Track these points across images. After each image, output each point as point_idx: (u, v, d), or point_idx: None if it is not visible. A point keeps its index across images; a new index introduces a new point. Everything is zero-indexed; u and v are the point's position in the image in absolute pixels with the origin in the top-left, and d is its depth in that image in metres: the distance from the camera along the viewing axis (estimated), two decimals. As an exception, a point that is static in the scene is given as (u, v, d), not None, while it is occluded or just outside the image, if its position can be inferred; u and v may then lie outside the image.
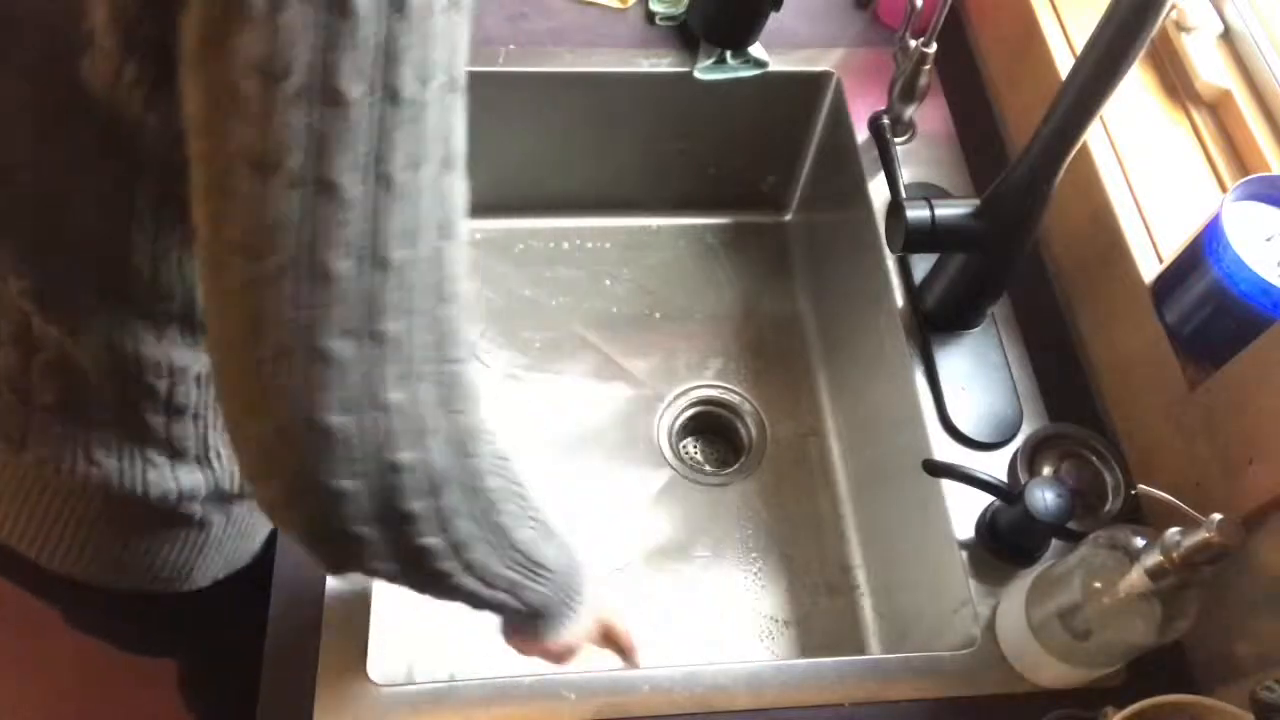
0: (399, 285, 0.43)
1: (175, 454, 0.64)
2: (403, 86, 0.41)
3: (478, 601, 0.58)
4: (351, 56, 0.39)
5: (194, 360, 0.61)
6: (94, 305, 0.56)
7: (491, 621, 0.66)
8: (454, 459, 0.48)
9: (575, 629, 0.68)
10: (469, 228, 0.47)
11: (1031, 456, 0.83)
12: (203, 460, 0.66)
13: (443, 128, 0.43)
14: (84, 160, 0.51)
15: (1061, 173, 0.76)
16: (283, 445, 0.44)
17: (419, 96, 0.41)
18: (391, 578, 0.52)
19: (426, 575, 0.53)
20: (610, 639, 0.74)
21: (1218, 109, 0.89)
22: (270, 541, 0.78)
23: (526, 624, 0.65)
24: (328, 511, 0.46)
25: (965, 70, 1.08)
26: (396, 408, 0.44)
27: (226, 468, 0.67)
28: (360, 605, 0.75)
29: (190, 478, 0.66)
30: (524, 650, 0.70)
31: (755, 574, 1.01)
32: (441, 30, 0.41)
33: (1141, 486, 0.70)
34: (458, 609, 0.58)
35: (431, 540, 0.50)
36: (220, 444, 0.66)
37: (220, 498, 0.68)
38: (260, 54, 0.39)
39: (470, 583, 0.55)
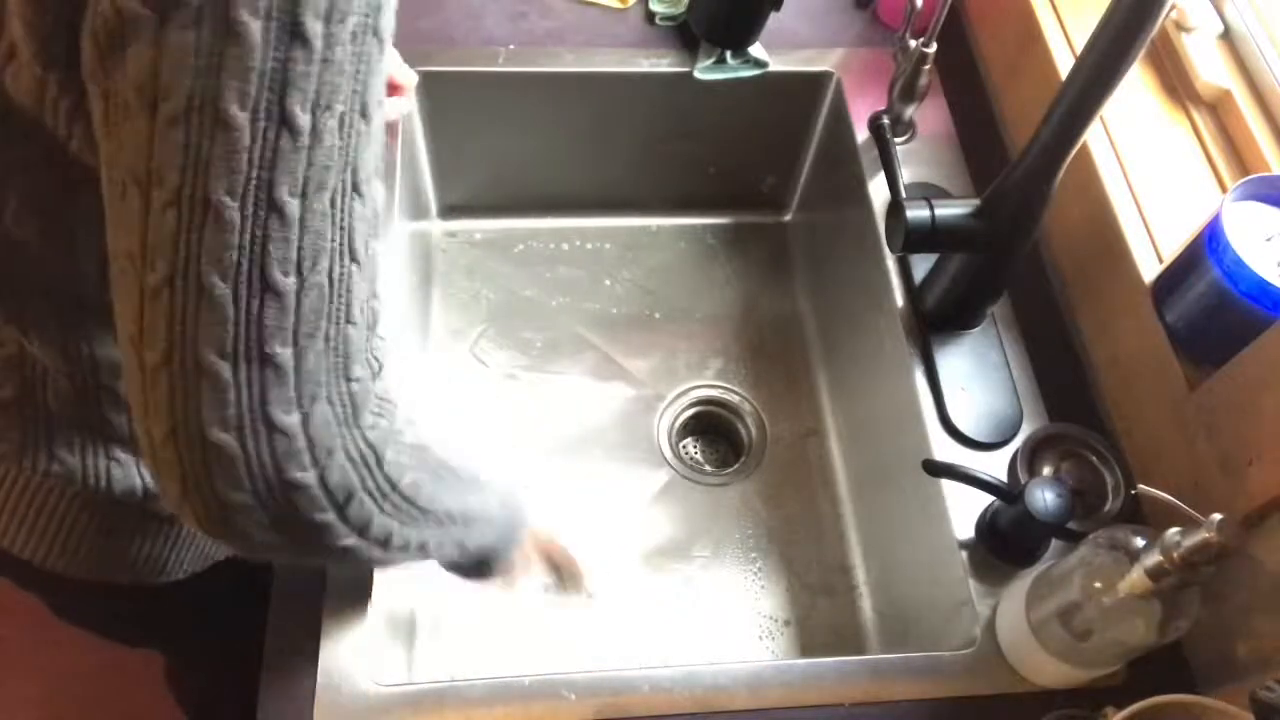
0: (285, 311, 0.43)
1: (139, 450, 0.64)
2: (295, 114, 0.40)
3: (416, 562, 0.59)
4: (238, 82, 0.39)
5: None
6: (45, 307, 0.57)
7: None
8: (357, 473, 0.48)
9: (521, 561, 0.71)
10: (387, 244, 0.47)
11: (1031, 456, 0.83)
12: None
13: (344, 155, 0.43)
14: (18, 170, 0.51)
15: (1061, 173, 0.76)
16: (170, 450, 0.44)
17: (314, 125, 0.41)
18: (314, 566, 0.53)
19: (351, 564, 0.53)
20: (555, 562, 0.77)
21: (1218, 109, 0.89)
22: None
23: (473, 568, 0.68)
24: (224, 515, 0.46)
25: (965, 70, 1.08)
26: (284, 429, 0.44)
27: None
28: (360, 605, 0.75)
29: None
30: (479, 583, 0.72)
31: (755, 574, 1.01)
32: (347, 59, 0.41)
33: (1141, 486, 0.70)
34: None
35: (347, 541, 0.50)
36: None
37: None
38: (145, 74, 0.39)
39: (401, 557, 0.55)
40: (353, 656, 0.72)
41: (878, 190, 0.99)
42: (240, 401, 0.43)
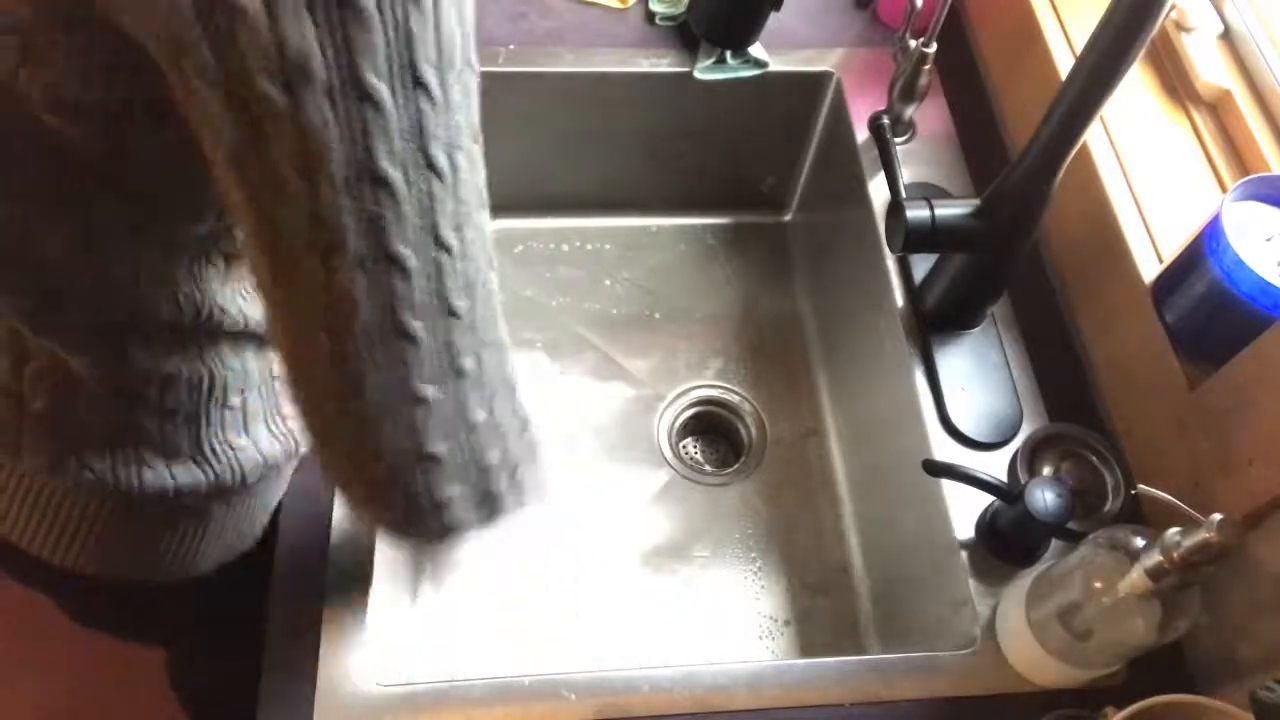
0: (468, 328, 0.48)
1: (170, 455, 0.65)
2: (438, 159, 0.43)
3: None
4: (385, 142, 0.42)
5: (184, 367, 0.61)
6: (80, 321, 0.57)
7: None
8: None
9: None
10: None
11: (1031, 456, 0.83)
12: (198, 459, 0.66)
13: (474, 183, 0.46)
14: (27, 182, 0.51)
15: (1061, 173, 0.76)
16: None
17: (452, 164, 0.44)
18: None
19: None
20: None
21: (1218, 109, 0.89)
22: (267, 526, 0.78)
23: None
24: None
25: (965, 70, 1.08)
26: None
27: (225, 462, 0.67)
28: (360, 605, 0.75)
29: (188, 475, 0.66)
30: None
31: (755, 574, 1.01)
32: (457, 97, 0.44)
33: (1141, 486, 0.70)
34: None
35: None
36: (215, 442, 0.66)
37: (221, 492, 0.69)
38: (298, 154, 0.41)
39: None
40: (353, 656, 0.72)
41: (878, 190, 0.99)
42: (423, 287, 0.46)
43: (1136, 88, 0.91)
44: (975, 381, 0.88)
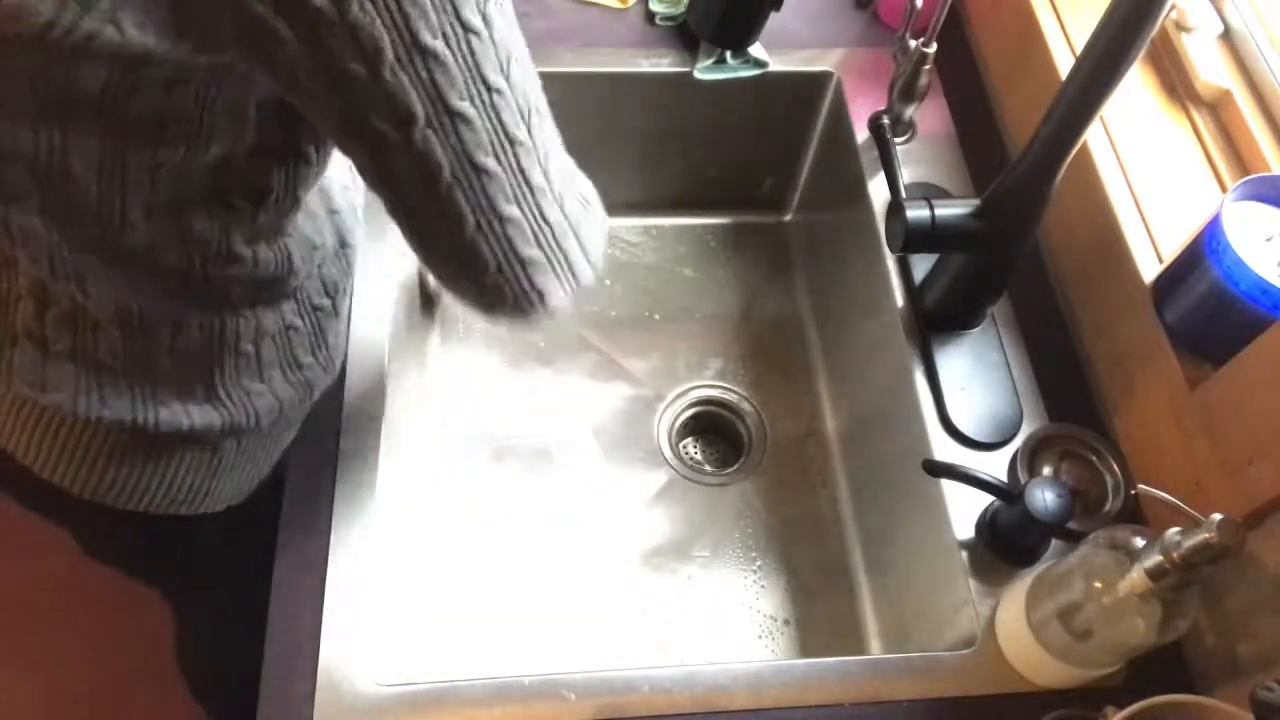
0: (509, 101, 0.54)
1: (185, 395, 0.68)
2: (471, 21, 0.50)
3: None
4: (422, 18, 0.49)
5: (197, 312, 0.65)
6: (97, 265, 0.60)
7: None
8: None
9: None
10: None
11: (1031, 456, 0.83)
12: (214, 400, 0.70)
13: (508, 29, 0.53)
14: (71, 122, 0.51)
15: (1061, 173, 0.76)
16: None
17: (486, 17, 0.51)
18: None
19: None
20: None
21: (1218, 109, 0.89)
22: (274, 485, 0.80)
23: None
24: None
25: (965, 70, 1.08)
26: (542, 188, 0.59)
27: (240, 405, 0.71)
28: (360, 605, 0.75)
29: (203, 415, 0.69)
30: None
31: (755, 573, 1.01)
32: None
33: (1141, 486, 0.70)
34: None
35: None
36: (230, 386, 0.70)
37: (235, 431, 0.72)
38: (356, 50, 0.48)
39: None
40: (353, 656, 0.72)
41: (878, 190, 0.99)
42: (514, 184, 0.56)
43: (1136, 88, 0.91)
44: (975, 381, 0.88)
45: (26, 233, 0.58)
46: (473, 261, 0.58)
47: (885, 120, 0.90)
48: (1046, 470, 0.83)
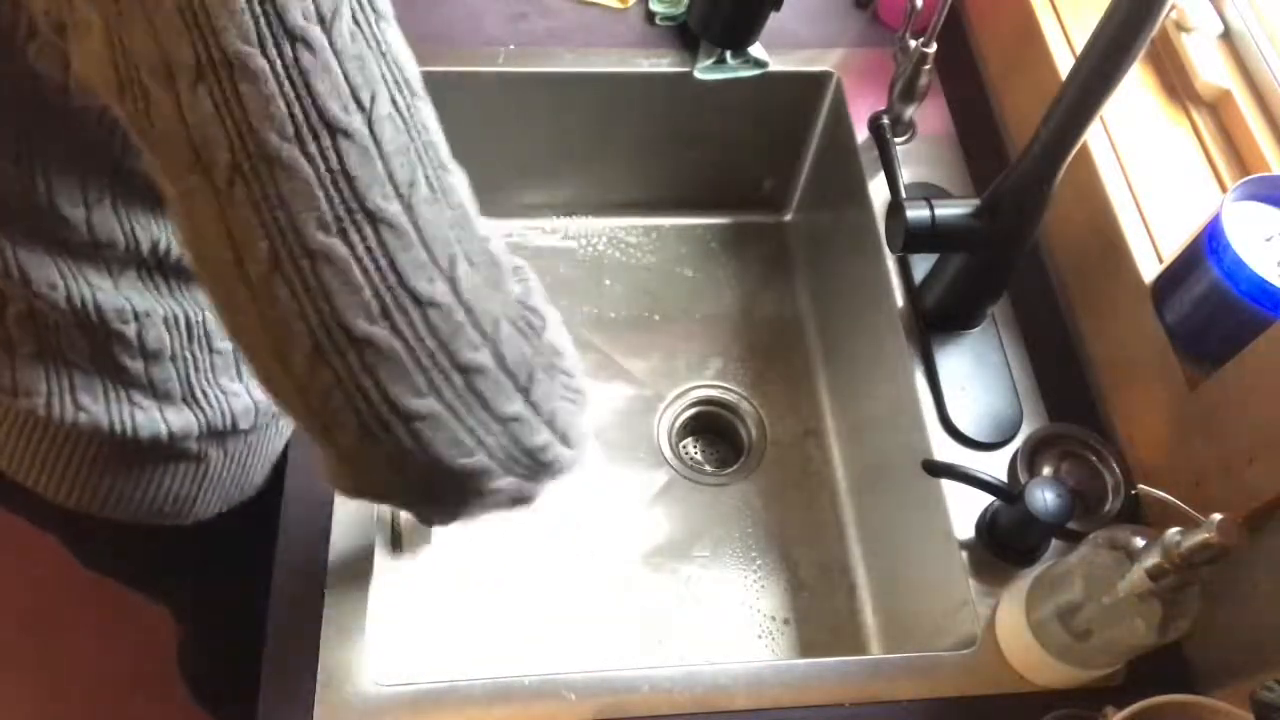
0: (367, 152, 0.40)
1: (160, 396, 0.66)
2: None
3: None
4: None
5: (159, 304, 0.62)
6: (39, 255, 0.57)
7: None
8: (529, 344, 0.46)
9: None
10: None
11: (1031, 456, 0.83)
12: (190, 401, 0.67)
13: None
14: (17, 130, 0.51)
15: (1061, 173, 0.76)
16: (322, 374, 0.41)
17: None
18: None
19: (521, 494, 0.53)
20: None
21: (1218, 109, 0.89)
22: (272, 481, 0.79)
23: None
24: (413, 436, 0.43)
25: (965, 70, 1.08)
26: (434, 300, 0.42)
27: (216, 407, 0.69)
28: (360, 605, 0.75)
29: (180, 418, 0.67)
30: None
31: (755, 574, 1.01)
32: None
33: (1141, 486, 0.70)
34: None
35: (539, 437, 0.48)
36: (206, 385, 0.68)
37: (215, 434, 0.70)
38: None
39: (579, 456, 0.54)
40: (353, 656, 0.72)
41: (878, 190, 0.99)
42: (372, 278, 0.39)
43: (1136, 88, 0.91)
44: (975, 381, 0.88)
45: None
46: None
47: (885, 120, 0.90)
48: (1046, 470, 0.83)
